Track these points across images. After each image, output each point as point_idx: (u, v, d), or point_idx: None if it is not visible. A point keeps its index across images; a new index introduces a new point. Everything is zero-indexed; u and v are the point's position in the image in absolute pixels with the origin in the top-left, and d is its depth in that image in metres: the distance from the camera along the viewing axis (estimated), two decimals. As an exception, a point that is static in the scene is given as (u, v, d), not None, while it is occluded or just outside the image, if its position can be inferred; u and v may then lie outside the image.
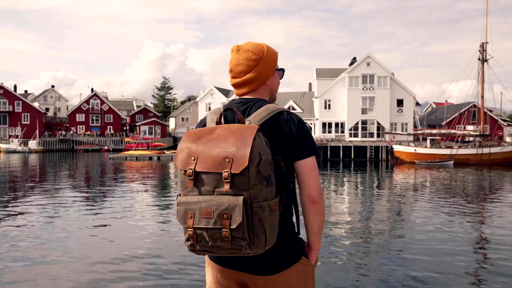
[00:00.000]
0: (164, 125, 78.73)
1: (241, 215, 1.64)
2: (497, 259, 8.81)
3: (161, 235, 10.86)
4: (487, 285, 7.32)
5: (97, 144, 70.85)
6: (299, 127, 1.94)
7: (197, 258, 8.74)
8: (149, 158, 47.38)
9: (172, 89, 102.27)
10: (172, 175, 29.93)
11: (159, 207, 15.38)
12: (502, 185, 23.81)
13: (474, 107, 56.03)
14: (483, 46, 43.66)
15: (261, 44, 2.09)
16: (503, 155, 39.10)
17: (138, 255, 8.95)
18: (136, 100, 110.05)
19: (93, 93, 79.91)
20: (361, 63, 52.76)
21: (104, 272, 7.81)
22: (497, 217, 13.45)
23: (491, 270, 8.10)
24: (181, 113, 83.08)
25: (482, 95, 43.77)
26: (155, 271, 7.90)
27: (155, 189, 21.36)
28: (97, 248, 9.56)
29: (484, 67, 43.42)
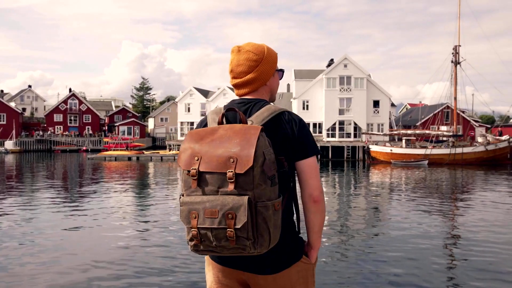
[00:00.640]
0: (143, 125, 78.00)
1: (246, 215, 1.64)
2: (469, 254, 9.00)
3: (142, 236, 10.77)
4: (461, 280, 7.47)
5: (75, 144, 69.76)
6: (300, 127, 1.94)
7: (185, 258, 8.70)
8: (128, 158, 46.87)
9: (151, 89, 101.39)
10: (151, 175, 29.68)
11: (139, 207, 15.24)
12: (474, 184, 24.31)
13: (447, 108, 57.04)
14: (456, 49, 44.47)
15: (261, 44, 2.09)
16: (475, 155, 39.92)
17: (117, 256, 8.85)
18: (114, 100, 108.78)
19: (71, 93, 78.66)
20: (338, 64, 53.16)
21: (84, 273, 7.70)
22: (469, 215, 13.73)
23: (464, 265, 8.27)
24: (160, 113, 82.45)
25: (455, 97, 44.58)
26: (137, 273, 7.83)
27: (135, 189, 21.15)
28: (73, 249, 9.42)
29: (457, 69, 44.27)
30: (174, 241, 10.09)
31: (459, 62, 44.19)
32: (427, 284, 7.24)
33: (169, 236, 10.65)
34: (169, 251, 9.24)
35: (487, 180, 26.12)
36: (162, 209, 14.75)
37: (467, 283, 7.33)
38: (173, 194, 19.28)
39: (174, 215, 13.51)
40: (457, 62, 44.26)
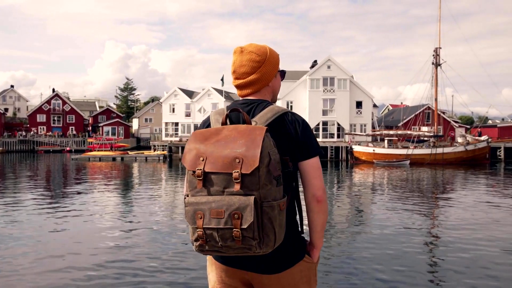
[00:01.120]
0: (127, 126, 77.36)
1: (252, 215, 1.64)
2: (450, 252, 9.15)
3: (127, 236, 10.71)
4: (443, 278, 7.60)
5: (59, 145, 68.86)
6: (303, 127, 1.94)
7: (172, 258, 8.68)
8: (113, 158, 46.48)
9: (135, 90, 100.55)
10: (136, 175, 29.49)
11: (124, 208, 15.14)
12: (454, 183, 24.68)
13: (428, 109, 57.74)
14: (437, 51, 45.09)
15: (264, 45, 2.09)
16: (455, 154, 40.51)
17: (103, 258, 8.79)
18: (98, 100, 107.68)
19: (54, 93, 77.65)
20: (322, 66, 53.43)
21: (68, 274, 7.64)
22: (450, 214, 13.95)
23: (446, 263, 8.40)
24: (145, 113, 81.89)
25: (436, 98, 45.18)
26: (123, 274, 7.79)
27: (120, 190, 21.00)
28: (58, 251, 9.33)
29: (438, 71, 44.87)
30: (159, 241, 10.06)
31: (439, 64, 44.80)
32: (410, 282, 7.35)
33: (155, 235, 10.61)
34: (155, 251, 9.21)
35: (467, 179, 26.54)
36: (147, 209, 14.68)
37: (449, 281, 7.46)
38: (158, 194, 19.19)
39: (159, 215, 13.46)
40: (437, 64, 44.86)
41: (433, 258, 8.86)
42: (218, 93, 58.43)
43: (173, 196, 18.98)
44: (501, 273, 7.81)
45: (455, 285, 7.20)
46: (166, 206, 15.88)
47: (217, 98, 58.53)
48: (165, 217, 13.25)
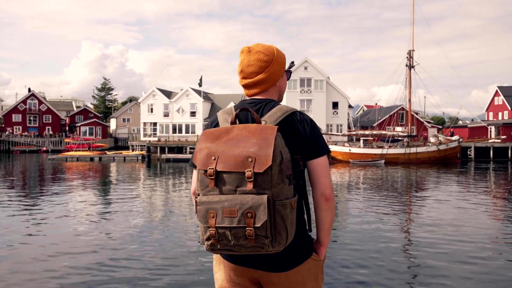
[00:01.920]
0: (105, 126, 76.34)
1: (266, 214, 1.64)
2: (423, 249, 9.35)
3: (105, 237, 10.61)
4: (417, 277, 7.76)
5: (35, 145, 67.50)
6: (312, 127, 1.95)
7: (152, 258, 8.62)
8: (91, 159, 45.85)
9: (113, 90, 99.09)
10: (114, 175, 29.16)
11: (102, 208, 14.97)
12: (427, 182, 25.17)
13: (402, 109, 58.65)
14: (410, 53, 45.87)
15: (271, 46, 2.08)
16: (428, 154, 41.30)
17: (83, 260, 8.70)
18: (75, 100, 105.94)
19: (30, 93, 76.08)
20: (299, 67, 53.76)
21: (47, 279, 7.54)
22: (423, 212, 14.23)
23: (419, 261, 8.58)
24: (122, 113, 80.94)
25: (409, 99, 45.97)
26: (104, 275, 7.73)
27: (98, 190, 20.74)
28: (35, 254, 9.20)
29: (411, 72, 45.65)
30: (138, 240, 10.00)
31: (413, 66, 45.60)
32: (383, 281, 7.47)
33: (134, 235, 10.55)
34: (135, 251, 9.15)
35: (439, 178, 27.10)
36: (126, 209, 14.55)
37: (423, 279, 7.63)
38: (137, 194, 19.04)
39: (139, 215, 13.37)
40: (411, 66, 45.65)
41: (407, 256, 9.03)
42: (196, 94, 58.21)
43: (152, 195, 18.86)
44: (475, 267, 8.04)
45: (430, 283, 7.37)
46: (146, 205, 15.77)
47: (195, 98, 58.29)
48: (145, 217, 13.16)
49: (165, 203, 16.42)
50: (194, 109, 58.27)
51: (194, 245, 9.72)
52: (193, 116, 58.23)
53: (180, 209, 14.78)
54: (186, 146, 49.32)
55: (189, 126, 58.29)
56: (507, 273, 7.76)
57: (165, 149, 48.34)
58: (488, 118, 69.87)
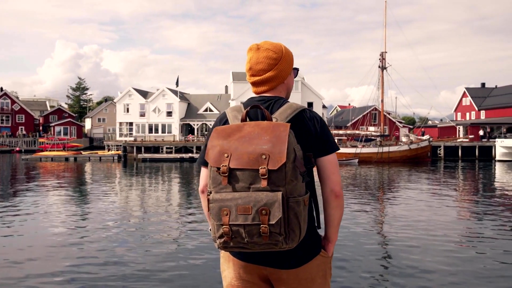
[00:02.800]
0: (80, 126, 75.06)
1: (280, 211, 1.63)
2: (395, 246, 9.58)
3: (79, 238, 10.50)
4: (388, 275, 7.94)
5: (8, 145, 65.87)
6: (322, 124, 1.94)
7: (125, 259, 8.58)
8: (66, 159, 45.02)
9: (87, 89, 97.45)
10: (90, 175, 28.74)
11: (78, 208, 14.78)
12: (399, 180, 25.67)
13: (375, 110, 59.53)
14: (383, 55, 46.63)
15: (279, 43, 2.07)
16: (400, 153, 42.08)
17: (58, 263, 8.60)
18: (49, 100, 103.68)
19: (2, 92, 74.14)
20: (274, 68, 54.01)
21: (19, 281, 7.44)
22: (396, 209, 14.54)
23: (391, 260, 8.77)
24: (98, 113, 79.76)
25: (382, 99, 46.73)
26: (80, 276, 7.66)
27: (73, 190, 20.42)
28: (9, 255, 9.05)
29: (384, 74, 46.42)
30: (116, 241, 9.93)
31: (385, 67, 46.37)
32: (357, 279, 7.63)
33: (110, 235, 10.46)
34: (110, 251, 9.09)
35: (411, 176, 27.67)
36: (102, 208, 14.40)
37: (395, 274, 7.81)
38: (114, 193, 18.84)
39: (115, 214, 13.25)
40: (383, 67, 46.41)
41: (380, 252, 9.23)
42: (173, 94, 57.80)
43: (129, 195, 18.69)
44: (446, 260, 8.28)
45: (403, 277, 7.56)
46: (122, 205, 15.63)
47: (172, 98, 57.86)
48: (121, 217, 13.06)
49: (142, 203, 16.30)
50: (170, 109, 57.84)
51: (172, 243, 9.71)
52: (170, 116, 57.80)
53: (157, 208, 14.70)
54: (162, 146, 48.95)
55: (165, 126, 57.84)
56: (477, 265, 8.03)
57: (142, 149, 47.85)
58: (456, 118, 71.61)
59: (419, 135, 50.57)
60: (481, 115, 64.73)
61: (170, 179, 26.26)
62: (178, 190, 21.01)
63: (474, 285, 7.02)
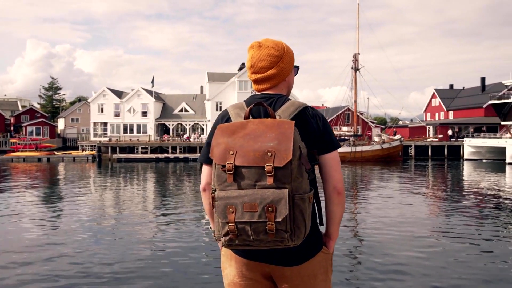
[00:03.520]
0: (53, 126, 73.38)
1: (287, 208, 1.63)
2: (368, 244, 9.75)
3: (50, 238, 10.32)
4: (361, 274, 8.08)
5: (-23, 145, 63.95)
6: (324, 122, 1.95)
7: (95, 259, 8.47)
8: (38, 159, 44.02)
9: (60, 89, 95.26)
10: (62, 175, 28.19)
11: (50, 208, 14.50)
12: (372, 178, 26.08)
13: (348, 110, 60.18)
14: (356, 56, 47.26)
15: (280, 41, 2.06)
16: (373, 152, 42.74)
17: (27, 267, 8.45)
18: (20, 100, 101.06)
19: (-28, 92, 71.94)
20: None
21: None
22: (368, 206, 14.78)
23: (365, 258, 8.93)
24: (71, 113, 78.19)
25: (355, 100, 47.37)
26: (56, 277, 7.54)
27: (46, 191, 20.00)
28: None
29: (357, 75, 47.05)
30: (85, 242, 9.80)
31: (358, 68, 47.01)
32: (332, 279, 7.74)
33: (84, 235, 10.32)
34: (83, 252, 8.97)
35: (383, 175, 28.14)
36: (74, 209, 14.17)
37: (366, 278, 7.96)
38: (87, 194, 18.55)
39: (87, 217, 13.06)
40: (356, 69, 47.05)
41: (353, 251, 9.37)
42: (148, 94, 57.21)
43: (103, 195, 18.43)
44: (418, 255, 8.47)
45: (376, 272, 7.70)
46: (96, 205, 15.42)
47: (147, 98, 57.24)
48: (96, 216, 12.89)
49: (117, 203, 16.11)
50: (145, 109, 57.21)
51: (148, 243, 9.65)
52: (145, 116, 57.17)
53: (132, 208, 14.56)
54: (137, 146, 48.37)
55: (140, 126, 57.17)
56: (447, 258, 8.25)
57: (117, 149, 47.17)
58: (426, 118, 73.11)
59: (391, 135, 51.43)
60: (450, 116, 66.29)
61: (145, 179, 26.00)
62: (154, 190, 20.83)
63: (445, 277, 7.21)
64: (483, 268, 7.80)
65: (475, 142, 44.11)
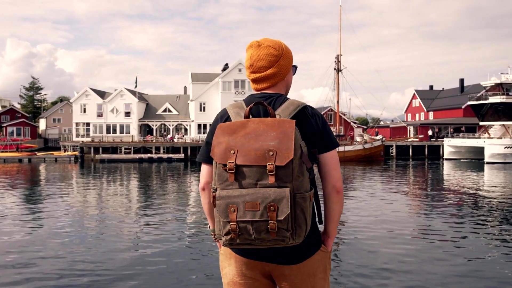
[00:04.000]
0: (34, 126, 72.22)
1: (289, 207, 1.63)
2: (352, 242, 9.84)
3: (34, 240, 10.17)
4: (343, 272, 8.14)
5: (-44, 146, 62.57)
6: (323, 121, 1.95)
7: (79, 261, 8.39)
8: (19, 160, 43.29)
9: (42, 89, 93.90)
10: (44, 176, 27.77)
11: (31, 210, 14.29)
12: (354, 178, 26.31)
13: (330, 110, 60.59)
14: (338, 57, 47.63)
15: (279, 40, 2.06)
16: (355, 152, 43.10)
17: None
18: (1, 100, 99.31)
19: (-50, 92, 70.39)
20: (233, 69, 54.11)
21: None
22: (351, 204, 14.91)
23: (347, 256, 9.01)
24: (53, 114, 77.09)
25: (337, 100, 47.75)
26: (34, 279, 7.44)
27: (28, 192, 19.69)
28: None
29: (339, 76, 47.42)
30: (67, 242, 9.69)
31: (340, 69, 47.38)
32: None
33: (62, 241, 10.20)
34: (64, 252, 8.87)
35: (365, 174, 28.41)
36: (56, 211, 13.98)
37: (346, 281, 8.03)
38: (69, 195, 18.32)
39: (69, 218, 12.91)
40: (339, 70, 47.40)
41: (332, 252, 9.45)
42: (131, 94, 56.74)
43: (86, 196, 18.23)
44: (399, 251, 8.58)
45: (357, 272, 7.78)
46: (79, 205, 15.24)
47: (130, 99, 56.76)
48: (78, 217, 12.74)
49: (99, 203, 15.95)
50: (128, 109, 56.71)
51: (131, 242, 9.58)
52: (128, 116, 56.66)
53: (115, 209, 14.43)
54: (121, 147, 47.92)
55: (123, 126, 56.65)
56: (426, 255, 8.38)
57: (99, 150, 46.67)
58: (406, 119, 74.04)
59: (373, 135, 51.93)
60: (430, 116, 67.27)
61: (129, 180, 25.79)
62: (137, 191, 20.67)
63: (424, 273, 7.32)
64: (461, 264, 7.94)
65: (455, 142, 44.84)
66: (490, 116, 44.15)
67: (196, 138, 52.10)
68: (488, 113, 44.26)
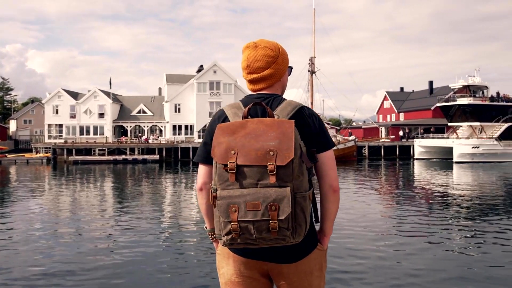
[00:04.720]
0: (4, 128, 70.28)
1: (290, 206, 1.64)
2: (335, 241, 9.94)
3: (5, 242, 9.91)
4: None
5: None
6: (320, 121, 1.96)
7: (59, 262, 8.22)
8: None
9: (12, 90, 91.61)
10: (14, 179, 27.04)
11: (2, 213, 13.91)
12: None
13: (304, 112, 61.19)
14: (312, 60, 48.03)
15: (275, 42, 2.07)
16: (329, 153, 43.49)
17: None
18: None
19: None
20: (208, 70, 53.91)
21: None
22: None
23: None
24: (24, 115, 75.26)
25: (311, 102, 48.10)
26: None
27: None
28: None
29: (313, 78, 47.82)
30: (39, 244, 9.48)
31: (314, 71, 47.79)
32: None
33: (37, 239, 9.97)
34: (38, 253, 8.68)
35: (339, 174, 28.69)
36: (27, 213, 13.65)
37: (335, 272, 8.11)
38: (40, 197, 17.90)
39: (40, 220, 12.62)
40: (312, 72, 47.81)
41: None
42: (105, 95, 55.84)
43: (59, 197, 17.84)
44: (372, 248, 8.71)
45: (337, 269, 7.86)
46: (51, 207, 14.91)
47: (104, 100, 55.84)
48: (50, 219, 12.47)
49: (72, 205, 15.64)
50: (102, 110, 55.78)
51: (106, 242, 9.44)
52: (102, 117, 55.73)
53: (89, 210, 14.18)
54: (95, 148, 47.07)
55: (97, 127, 55.69)
56: (400, 251, 8.53)
57: (73, 151, 45.74)
58: (378, 120, 75.26)
59: (347, 135, 52.55)
60: (401, 117, 68.53)
61: (103, 181, 25.36)
62: (112, 192, 20.35)
63: (398, 269, 7.46)
64: (433, 259, 8.12)
65: (425, 143, 45.80)
66: (458, 117, 45.24)
67: (171, 139, 51.69)
68: (456, 114, 45.33)
